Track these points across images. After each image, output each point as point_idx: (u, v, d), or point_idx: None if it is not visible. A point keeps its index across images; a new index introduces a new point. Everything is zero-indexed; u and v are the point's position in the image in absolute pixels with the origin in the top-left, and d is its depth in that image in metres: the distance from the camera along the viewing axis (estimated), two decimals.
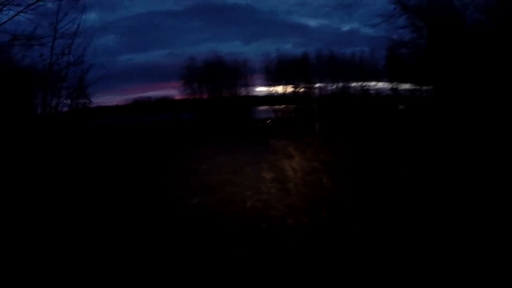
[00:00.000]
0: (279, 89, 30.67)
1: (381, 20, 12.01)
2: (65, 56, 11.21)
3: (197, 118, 28.45)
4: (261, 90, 31.63)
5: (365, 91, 30.26)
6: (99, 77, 12.19)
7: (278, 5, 60.45)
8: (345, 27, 28.80)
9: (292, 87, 30.00)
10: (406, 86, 28.90)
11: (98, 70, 12.15)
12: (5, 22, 8.14)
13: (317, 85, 31.07)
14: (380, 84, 30.26)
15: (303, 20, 57.07)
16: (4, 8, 7.90)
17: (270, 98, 31.49)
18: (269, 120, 29.53)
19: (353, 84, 31.15)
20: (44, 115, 11.53)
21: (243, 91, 29.95)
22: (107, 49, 63.05)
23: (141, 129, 26.84)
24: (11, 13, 8.13)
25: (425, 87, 27.49)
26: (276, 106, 30.31)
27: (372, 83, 30.29)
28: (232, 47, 34.78)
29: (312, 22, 57.33)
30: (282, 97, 30.20)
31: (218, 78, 29.29)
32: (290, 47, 28.53)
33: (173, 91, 29.72)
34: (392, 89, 29.65)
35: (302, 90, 29.91)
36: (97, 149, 15.60)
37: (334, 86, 31.16)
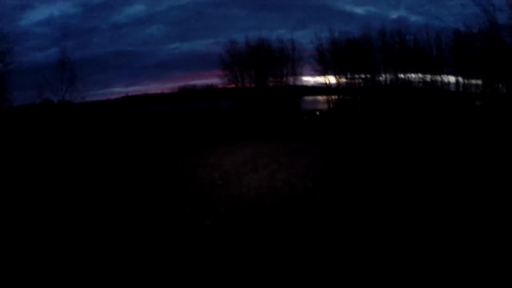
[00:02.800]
0: (329, 79, 28.47)
1: None
2: None
3: (239, 107, 27.20)
4: (309, 79, 29.66)
5: (427, 84, 26.98)
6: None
7: None
8: (394, 15, 26.08)
9: (343, 77, 27.66)
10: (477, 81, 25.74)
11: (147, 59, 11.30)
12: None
13: (372, 75, 28.21)
14: (448, 78, 26.73)
15: (349, 7, 53.73)
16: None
17: (318, 89, 29.54)
18: (318, 113, 27.66)
19: (413, 75, 27.95)
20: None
21: (289, 80, 27.99)
22: (154, 38, 65.29)
23: (181, 116, 26.61)
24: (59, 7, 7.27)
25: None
26: (326, 97, 28.32)
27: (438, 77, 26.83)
28: (277, 35, 33.28)
29: (359, 10, 54.01)
30: (332, 87, 28.02)
31: (263, 65, 27.64)
32: (337, 35, 25.66)
33: (217, 80, 28.39)
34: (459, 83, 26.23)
35: (355, 80, 27.51)
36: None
37: (392, 77, 28.17)
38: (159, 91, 51.09)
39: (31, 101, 27.97)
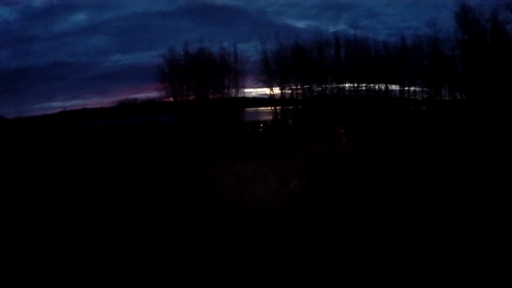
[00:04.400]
0: (273, 90, 28.40)
1: None
2: None
3: (179, 121, 26.09)
4: (251, 91, 29.45)
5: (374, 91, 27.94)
6: None
7: (267, 6, 59.56)
8: (333, 28, 27.03)
9: (287, 87, 27.73)
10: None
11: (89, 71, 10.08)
12: None
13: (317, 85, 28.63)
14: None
15: (291, 21, 55.49)
16: None
17: (261, 100, 29.43)
18: (262, 124, 27.34)
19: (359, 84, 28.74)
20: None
21: (231, 92, 27.46)
22: (96, 49, 62.56)
23: (120, 131, 25.21)
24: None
25: None
26: (270, 108, 28.16)
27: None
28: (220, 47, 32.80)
29: (301, 24, 56.04)
30: (276, 98, 27.96)
31: (204, 77, 26.85)
32: (278, 48, 25.83)
33: (160, 93, 27.13)
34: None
35: (292, 91, 27.69)
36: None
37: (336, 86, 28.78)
38: (99, 106, 48.90)
39: None
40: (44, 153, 17.11)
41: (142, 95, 42.63)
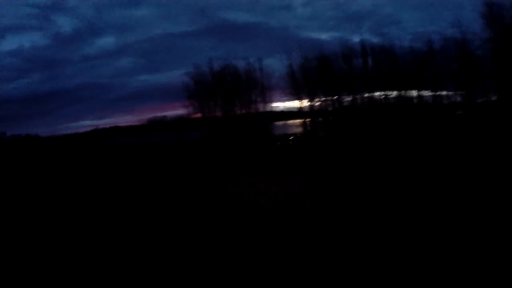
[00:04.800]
0: (301, 102, 27.90)
1: None
2: None
3: (206, 136, 25.91)
4: (278, 105, 29.05)
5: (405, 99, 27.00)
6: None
7: (288, 21, 59.97)
8: (356, 38, 26.37)
9: (315, 99, 27.19)
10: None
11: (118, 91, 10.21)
12: None
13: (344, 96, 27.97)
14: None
15: (313, 34, 55.13)
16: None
17: (288, 113, 28.97)
18: (292, 137, 26.84)
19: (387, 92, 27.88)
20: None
21: (258, 107, 27.04)
22: (124, 70, 64.80)
23: (148, 149, 25.44)
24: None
25: None
26: (298, 121, 27.62)
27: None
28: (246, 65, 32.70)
29: (323, 35, 55.77)
30: (304, 110, 27.41)
31: (230, 92, 26.63)
32: (303, 60, 25.44)
33: (187, 110, 27.17)
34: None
35: (321, 102, 27.08)
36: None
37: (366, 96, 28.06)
38: (129, 123, 50.09)
39: None
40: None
41: (170, 113, 43.23)
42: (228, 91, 26.48)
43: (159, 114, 49.84)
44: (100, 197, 10.61)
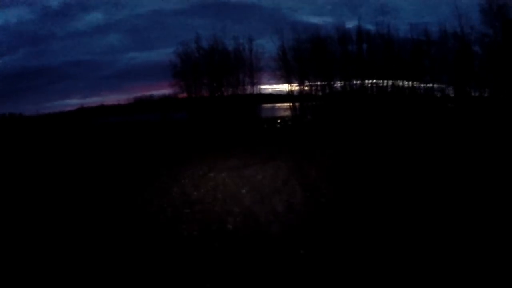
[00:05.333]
0: (291, 86, 27.35)
1: None
2: None
3: (190, 117, 25.29)
4: (267, 87, 28.45)
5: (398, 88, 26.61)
6: None
7: (282, 3, 58.70)
8: (349, 24, 25.67)
9: (306, 83, 26.67)
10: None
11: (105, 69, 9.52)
12: None
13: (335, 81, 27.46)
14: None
15: (307, 17, 54.04)
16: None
17: (277, 96, 28.46)
18: (279, 120, 26.41)
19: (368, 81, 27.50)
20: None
21: (247, 89, 26.43)
22: (113, 47, 63.18)
23: (131, 128, 24.80)
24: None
25: None
26: (287, 104, 27.08)
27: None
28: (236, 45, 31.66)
29: (316, 20, 54.96)
30: (294, 94, 26.94)
31: (218, 72, 25.90)
32: (295, 43, 24.92)
33: (174, 89, 26.44)
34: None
35: (311, 87, 26.55)
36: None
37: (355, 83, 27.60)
38: (115, 102, 49.11)
39: None
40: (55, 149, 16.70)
41: (158, 92, 42.32)
42: (215, 71, 25.77)
43: (147, 93, 48.96)
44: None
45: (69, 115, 43.84)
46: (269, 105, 30.22)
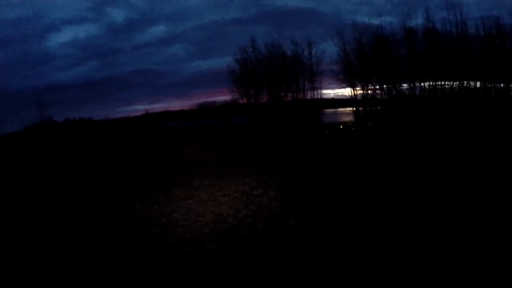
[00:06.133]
0: (354, 90, 26.27)
1: None
2: None
3: (251, 122, 25.23)
4: (329, 91, 27.63)
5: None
6: None
7: (340, 5, 56.99)
8: (410, 24, 23.97)
9: (369, 86, 25.41)
10: None
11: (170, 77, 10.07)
12: None
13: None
14: None
15: (366, 18, 51.76)
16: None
17: (339, 101, 27.40)
18: (342, 126, 25.49)
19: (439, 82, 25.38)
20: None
21: (307, 93, 25.83)
22: (176, 57, 66.12)
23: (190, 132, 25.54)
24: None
25: None
26: (350, 109, 25.95)
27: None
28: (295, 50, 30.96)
29: (376, 21, 52.72)
30: (357, 98, 25.81)
31: (277, 77, 25.64)
32: (357, 45, 23.96)
33: (234, 95, 26.77)
34: None
35: (375, 90, 25.15)
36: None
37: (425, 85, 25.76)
38: (179, 108, 51.36)
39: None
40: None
41: (219, 98, 43.37)
42: (274, 76, 25.60)
43: (209, 99, 50.43)
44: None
45: (134, 120, 46.90)
46: (331, 110, 29.33)
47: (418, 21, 25.31)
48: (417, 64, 25.02)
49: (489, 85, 24.10)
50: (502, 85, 23.88)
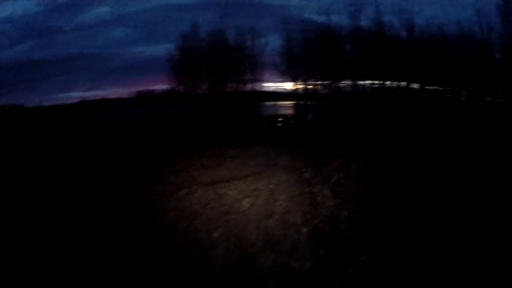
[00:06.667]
0: (296, 84, 26.37)
1: None
2: None
3: (189, 112, 24.33)
4: (271, 85, 27.51)
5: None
6: None
7: (288, 1, 57.11)
8: (359, 24, 24.70)
9: (305, 83, 25.66)
10: None
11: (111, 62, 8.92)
12: None
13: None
14: None
15: (314, 16, 52.73)
16: None
17: (280, 94, 27.48)
18: (281, 119, 25.46)
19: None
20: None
21: (249, 86, 25.44)
22: (119, 41, 62.84)
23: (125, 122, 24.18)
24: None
25: None
26: (290, 102, 26.07)
27: None
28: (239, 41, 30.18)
29: (323, 18, 54.24)
30: (294, 93, 25.98)
31: (221, 69, 24.98)
32: (301, 41, 24.09)
33: (174, 85, 25.58)
34: None
35: (316, 86, 25.51)
36: None
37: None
38: (118, 96, 48.68)
39: None
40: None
41: (160, 87, 41.45)
42: (216, 66, 24.87)
43: (150, 87, 48.16)
44: None
45: (70, 108, 43.57)
46: (271, 103, 29.27)
47: (363, 22, 26.00)
48: (360, 63, 25.79)
49: (429, 88, 25.64)
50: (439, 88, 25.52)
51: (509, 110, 20.76)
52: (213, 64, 24.93)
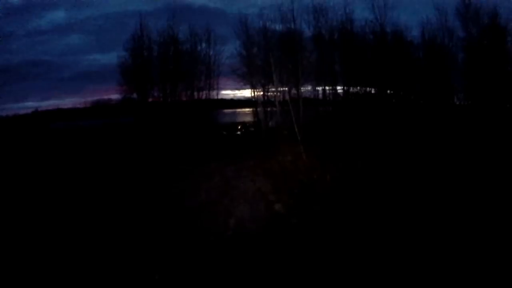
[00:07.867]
0: (251, 91, 25.90)
1: None
2: None
3: (138, 122, 23.10)
4: (229, 93, 26.94)
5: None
6: None
7: (246, 8, 56.99)
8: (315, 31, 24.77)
9: (263, 90, 25.22)
10: None
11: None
12: None
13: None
14: None
15: (270, 24, 53.31)
16: None
17: (238, 102, 26.90)
18: (240, 126, 24.84)
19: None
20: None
21: (205, 94, 24.63)
22: (74, 48, 60.29)
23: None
24: None
25: None
26: (245, 109, 25.52)
27: None
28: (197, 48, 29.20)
29: (280, 26, 54.95)
30: (252, 100, 25.49)
31: (177, 77, 23.98)
32: (258, 49, 23.64)
33: (128, 93, 24.21)
34: None
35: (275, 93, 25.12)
36: None
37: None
38: (72, 106, 46.45)
39: None
40: None
41: (116, 96, 39.61)
42: (170, 73, 23.86)
43: (106, 96, 46.21)
44: None
45: (24, 118, 41.11)
46: (230, 110, 28.65)
47: (323, 29, 26.02)
48: (320, 68, 25.72)
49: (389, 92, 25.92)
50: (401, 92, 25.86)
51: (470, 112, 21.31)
52: (166, 70, 23.93)
